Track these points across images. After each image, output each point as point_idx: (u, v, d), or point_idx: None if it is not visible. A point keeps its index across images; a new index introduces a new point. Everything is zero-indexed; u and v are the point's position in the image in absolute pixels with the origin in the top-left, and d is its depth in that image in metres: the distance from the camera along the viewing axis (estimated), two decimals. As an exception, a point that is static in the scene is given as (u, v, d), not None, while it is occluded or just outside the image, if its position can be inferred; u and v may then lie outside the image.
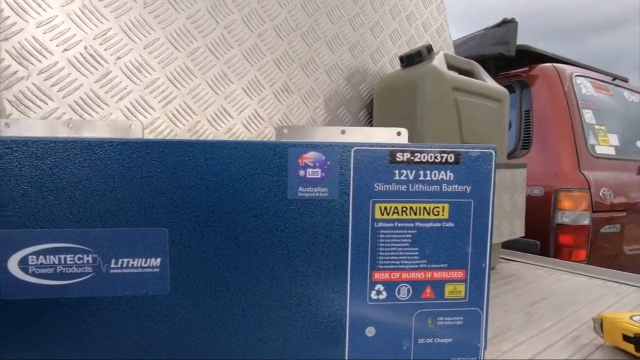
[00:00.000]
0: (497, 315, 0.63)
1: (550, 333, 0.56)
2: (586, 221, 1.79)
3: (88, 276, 0.36)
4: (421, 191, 0.40)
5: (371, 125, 0.85)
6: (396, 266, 0.40)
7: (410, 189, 0.39)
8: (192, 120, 0.63)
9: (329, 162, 0.38)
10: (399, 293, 0.40)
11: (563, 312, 0.64)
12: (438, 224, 0.40)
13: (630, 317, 0.50)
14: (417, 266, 0.40)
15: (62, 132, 0.40)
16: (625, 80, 2.51)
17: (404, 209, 0.39)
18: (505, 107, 0.90)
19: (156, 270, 0.37)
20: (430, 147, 0.40)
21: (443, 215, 0.40)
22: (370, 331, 0.40)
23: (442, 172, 0.40)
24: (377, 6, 0.85)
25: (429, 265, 0.40)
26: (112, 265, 0.37)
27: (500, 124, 0.88)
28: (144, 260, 0.37)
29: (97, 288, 0.36)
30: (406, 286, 0.40)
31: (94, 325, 0.37)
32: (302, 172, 0.38)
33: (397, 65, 0.93)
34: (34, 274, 0.36)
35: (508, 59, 2.16)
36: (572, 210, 1.82)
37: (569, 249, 1.83)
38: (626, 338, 0.48)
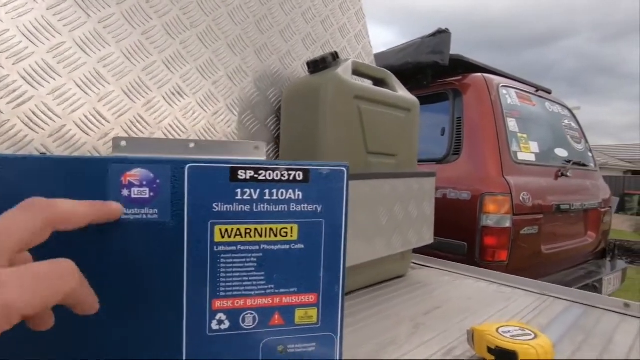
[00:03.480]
0: (385, 327, 0.62)
1: (431, 345, 0.57)
2: (507, 223, 1.90)
3: None
4: (267, 211, 0.37)
5: (278, 135, 0.82)
6: (240, 292, 0.37)
7: (255, 209, 0.37)
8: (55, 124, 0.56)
9: (158, 181, 0.34)
10: (243, 321, 0.37)
11: (449, 322, 0.65)
12: (286, 246, 0.38)
13: (497, 329, 0.52)
14: (263, 291, 0.37)
15: None
16: (549, 92, 2.72)
17: (248, 231, 0.36)
18: (415, 117, 0.91)
19: None
20: (277, 164, 0.37)
21: (292, 236, 0.38)
22: (213, 364, 0.37)
23: (291, 191, 0.37)
24: (287, 9, 0.82)
25: (277, 290, 0.38)
26: None
27: (408, 133, 0.89)
28: None
29: None
30: (252, 313, 0.37)
31: None
32: (125, 192, 0.34)
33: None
34: None
35: (444, 67, 2.25)
36: (495, 214, 1.93)
37: (492, 249, 1.93)
38: (490, 350, 0.49)
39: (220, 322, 0.37)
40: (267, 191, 0.37)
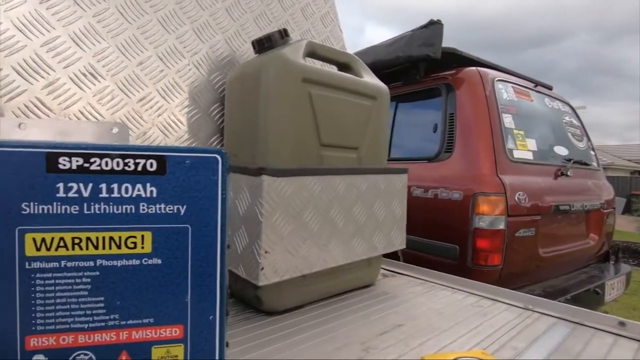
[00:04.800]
0: (326, 352, 0.52)
1: (377, 377, 0.46)
2: (501, 225, 1.79)
3: None
4: (105, 214, 0.27)
5: (223, 126, 0.72)
6: (67, 326, 0.27)
7: (86, 211, 0.26)
8: None
9: None
10: (75, 365, 0.27)
11: (407, 346, 0.54)
12: (135, 261, 0.27)
13: (453, 361, 0.41)
14: (103, 324, 0.27)
15: None
16: (549, 88, 2.60)
17: (77, 241, 0.26)
18: (383, 106, 0.81)
19: None
20: (117, 149, 0.27)
21: (143, 248, 0.27)
22: (35, 423, 0.27)
23: (139, 186, 0.27)
24: (236, -16, 0.72)
25: (123, 322, 0.28)
26: None
27: (374, 124, 0.78)
28: None
29: None
30: (86, 354, 0.27)
31: None
32: None
33: (267, 55, 0.81)
34: None
35: (437, 61, 2.14)
36: (488, 215, 1.81)
37: (485, 253, 1.82)
38: (439, 391, 0.39)
39: (38, 367, 0.26)
40: (103, 186, 0.27)
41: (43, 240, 0.26)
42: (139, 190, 0.27)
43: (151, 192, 0.27)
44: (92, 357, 0.27)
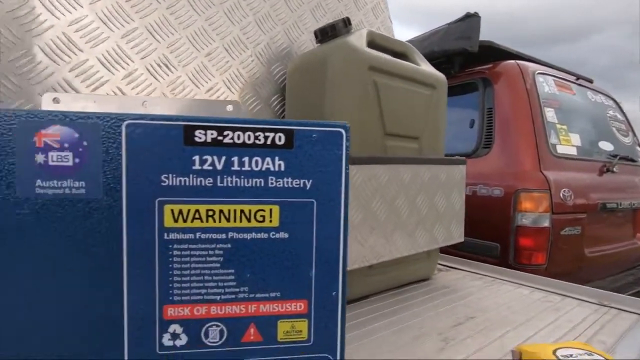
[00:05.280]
0: (405, 341, 0.51)
1: (464, 367, 0.45)
2: (546, 223, 1.73)
3: None
4: (236, 186, 0.27)
5: (284, 116, 0.72)
6: (201, 297, 0.27)
7: (219, 184, 0.27)
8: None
9: (85, 143, 0.25)
10: (206, 336, 0.27)
11: (486, 337, 0.53)
12: (264, 235, 0.27)
13: (554, 352, 0.39)
14: (233, 296, 0.27)
15: None
16: (590, 81, 2.49)
17: (211, 213, 0.27)
18: (441, 95, 0.79)
19: None
20: (249, 123, 0.27)
21: (271, 221, 0.27)
22: (167, 392, 0.27)
23: (268, 160, 0.27)
24: (294, -24, 0.73)
25: (251, 295, 0.28)
26: None
27: (433, 114, 0.77)
28: None
29: None
30: (218, 326, 0.27)
31: None
32: (40, 157, 0.25)
33: (321, 46, 0.81)
34: None
35: (473, 55, 2.09)
36: (531, 212, 1.75)
37: (529, 251, 1.76)
38: (546, 380, 0.37)
39: (174, 336, 0.27)
40: (235, 159, 0.27)
41: (180, 211, 0.26)
42: (267, 163, 0.27)
43: (279, 165, 0.27)
44: (223, 329, 0.27)
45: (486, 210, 1.83)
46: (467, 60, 2.19)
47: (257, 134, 0.27)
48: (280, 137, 0.27)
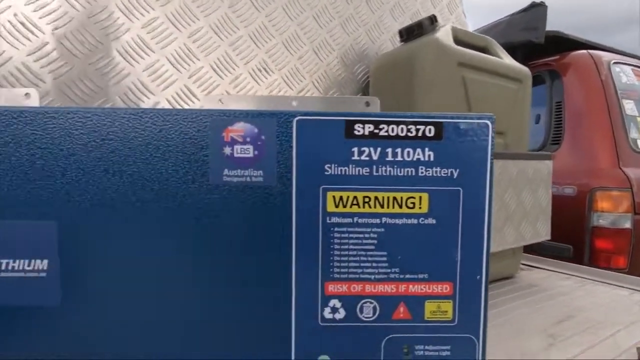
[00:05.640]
0: (509, 335, 0.51)
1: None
2: (627, 224, 1.59)
3: (-42, 281, 0.29)
4: (389, 175, 0.29)
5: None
6: (357, 276, 0.30)
7: (375, 173, 0.29)
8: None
9: (263, 137, 0.29)
10: (361, 312, 0.30)
11: (596, 336, 0.51)
12: (414, 220, 0.30)
13: (689, 349, 0.38)
14: (385, 276, 0.30)
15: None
16: (673, 69, 2.26)
17: (367, 200, 0.29)
18: (527, 89, 0.77)
19: (42, 275, 0.29)
20: (402, 117, 0.29)
21: (421, 208, 0.30)
22: (324, 360, 0.30)
23: (419, 150, 0.29)
24: (374, -22, 0.75)
25: (402, 276, 0.30)
26: (-12, 268, 0.29)
27: (520, 108, 0.75)
28: (27, 262, 0.29)
29: (-31, 296, 0.29)
30: (371, 303, 0.30)
31: (-34, 343, 0.29)
32: (227, 150, 0.29)
33: (399, 44, 0.83)
34: None
35: (537, 46, 1.98)
36: (610, 212, 1.63)
37: (607, 254, 1.64)
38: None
39: (334, 309, 0.30)
40: (389, 150, 0.29)
41: (340, 198, 0.29)
42: (418, 154, 0.29)
43: (429, 156, 0.29)
44: (376, 306, 0.30)
45: (556, 210, 1.72)
46: (532, 52, 2.08)
47: (409, 126, 0.29)
48: (430, 130, 0.29)
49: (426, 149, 0.29)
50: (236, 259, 0.29)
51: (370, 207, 0.29)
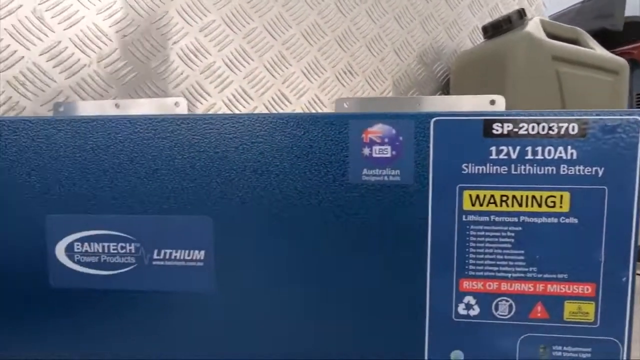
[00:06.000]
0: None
1: None
2: None
3: (131, 267, 0.33)
4: (529, 174, 0.29)
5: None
6: (493, 274, 0.30)
7: (513, 172, 0.29)
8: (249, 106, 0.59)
9: (401, 138, 0.30)
10: (496, 309, 0.30)
11: None
12: (554, 220, 0.29)
13: None
14: (522, 275, 0.30)
15: (111, 112, 0.38)
16: None
17: (504, 199, 0.30)
18: (624, 80, 0.72)
19: (200, 264, 0.33)
20: (542, 115, 0.29)
21: (561, 207, 0.29)
22: (456, 355, 0.31)
23: (561, 149, 0.29)
24: (452, -27, 0.74)
25: (539, 275, 0.30)
26: (155, 257, 0.33)
27: (617, 100, 0.70)
28: (187, 252, 0.33)
29: (140, 281, 0.33)
30: (507, 301, 0.30)
31: (135, 321, 0.33)
32: (366, 150, 0.31)
33: (478, 40, 0.81)
34: (79, 262, 0.33)
35: (613, 34, 1.82)
36: None
37: None
38: None
39: (468, 306, 0.31)
40: (529, 149, 0.29)
41: (477, 196, 0.30)
42: (560, 152, 0.29)
43: (571, 154, 0.29)
44: (512, 304, 0.30)
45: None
46: (605, 40, 1.91)
47: (550, 124, 0.29)
48: (573, 127, 0.29)
49: (568, 147, 0.29)
50: (372, 255, 0.31)
51: (507, 205, 0.30)
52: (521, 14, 0.66)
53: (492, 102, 0.34)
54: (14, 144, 0.33)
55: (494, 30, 0.67)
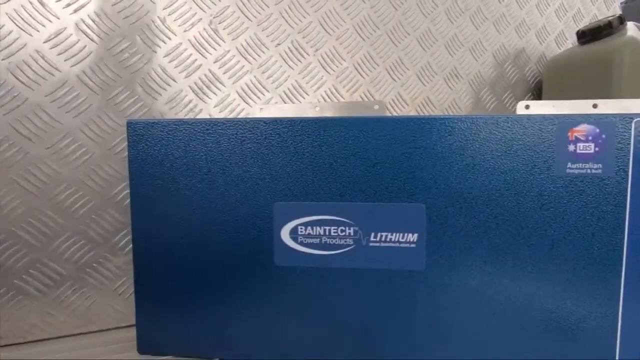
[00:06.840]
0: None
1: None
2: None
3: (349, 248, 0.38)
4: None
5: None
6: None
7: None
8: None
9: (603, 136, 0.35)
10: (683, 290, 0.35)
11: None
12: None
13: None
14: None
15: (310, 114, 0.43)
16: None
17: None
18: None
19: (412, 245, 0.37)
20: None
21: None
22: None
23: None
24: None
25: None
26: (372, 239, 0.38)
27: None
28: (401, 235, 0.37)
29: (358, 260, 0.38)
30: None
31: (352, 295, 0.38)
32: (571, 147, 0.35)
33: (563, 44, 0.84)
34: (302, 244, 0.39)
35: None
36: None
37: None
38: None
39: (660, 285, 0.35)
40: None
41: None
42: None
43: None
44: (702, 283, 0.34)
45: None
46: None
47: None
48: None
49: None
50: (573, 243, 0.35)
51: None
52: (621, 19, 0.69)
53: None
54: (248, 142, 0.38)
55: (593, 35, 0.71)
